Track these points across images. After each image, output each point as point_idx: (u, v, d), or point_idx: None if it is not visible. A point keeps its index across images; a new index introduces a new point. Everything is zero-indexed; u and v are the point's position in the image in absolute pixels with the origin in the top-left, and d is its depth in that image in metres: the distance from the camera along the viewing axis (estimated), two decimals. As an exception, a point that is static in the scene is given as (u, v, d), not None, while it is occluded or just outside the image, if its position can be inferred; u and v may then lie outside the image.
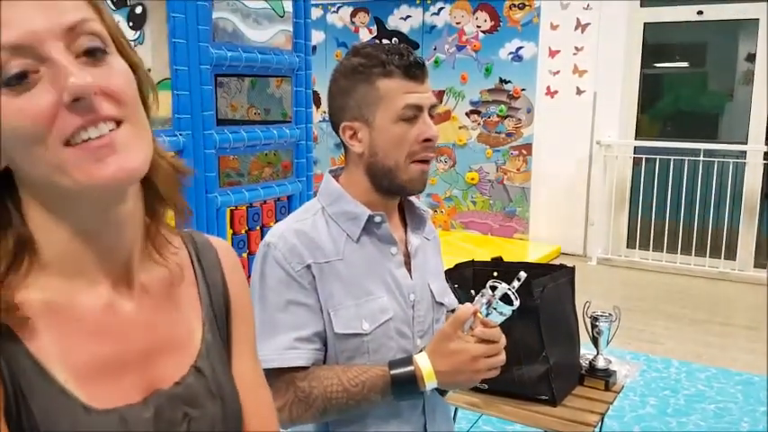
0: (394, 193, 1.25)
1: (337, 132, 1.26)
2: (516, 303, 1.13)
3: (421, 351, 1.18)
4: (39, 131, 0.55)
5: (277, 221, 2.87)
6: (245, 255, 3.38)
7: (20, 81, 0.54)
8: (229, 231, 2.69)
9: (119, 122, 0.58)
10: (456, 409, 2.02)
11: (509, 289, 1.13)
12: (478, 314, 1.14)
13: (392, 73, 1.18)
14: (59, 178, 0.57)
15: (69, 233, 0.61)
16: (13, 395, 0.56)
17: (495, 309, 1.13)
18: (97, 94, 0.56)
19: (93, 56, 0.57)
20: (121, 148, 0.58)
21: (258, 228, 2.75)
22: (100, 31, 0.58)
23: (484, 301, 1.14)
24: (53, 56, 0.55)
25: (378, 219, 1.24)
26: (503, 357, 1.17)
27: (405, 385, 1.15)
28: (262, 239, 1.25)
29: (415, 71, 1.19)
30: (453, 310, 1.47)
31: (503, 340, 1.17)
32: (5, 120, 0.55)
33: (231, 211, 2.67)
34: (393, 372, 1.15)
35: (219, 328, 0.75)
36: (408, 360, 1.17)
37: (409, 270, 1.28)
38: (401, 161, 1.20)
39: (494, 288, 1.13)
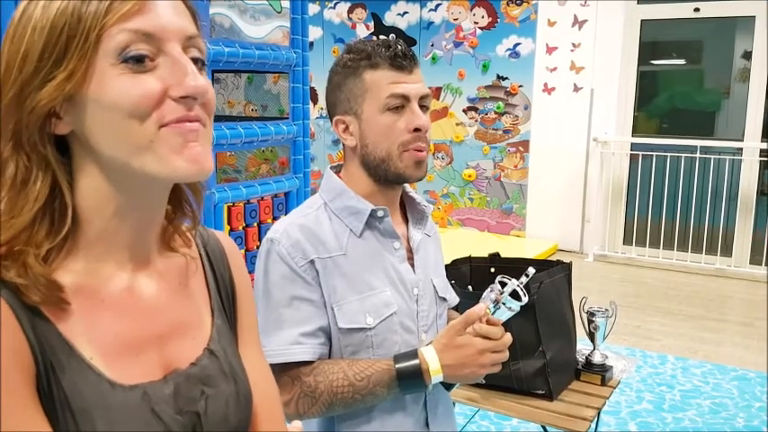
0: (391, 182, 1.25)
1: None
2: (525, 299, 1.14)
3: (427, 345, 1.19)
4: (142, 109, 0.61)
5: (274, 218, 2.88)
6: (242, 251, 3.37)
7: (139, 63, 0.61)
8: (227, 228, 2.69)
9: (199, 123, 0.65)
10: (453, 404, 2.02)
11: (518, 285, 1.13)
12: (486, 311, 1.15)
13: (378, 64, 1.19)
14: (141, 156, 0.62)
15: (113, 211, 0.66)
16: (44, 371, 0.60)
17: (503, 304, 1.13)
18: (201, 98, 0.64)
19: (195, 64, 0.65)
20: (203, 141, 0.65)
21: (256, 224, 2.75)
22: (203, 48, 0.68)
23: (492, 296, 1.14)
24: (175, 53, 0.63)
25: (380, 213, 1.24)
26: (506, 354, 1.18)
27: (410, 379, 1.16)
28: (259, 236, 1.25)
29: (401, 62, 1.19)
30: (457, 308, 1.47)
31: (507, 338, 1.17)
32: (114, 92, 0.60)
33: (228, 207, 2.67)
34: (398, 365, 1.16)
35: (227, 315, 0.80)
36: (414, 353, 1.17)
37: (412, 265, 1.29)
38: (393, 151, 1.21)
39: (503, 284, 1.14)
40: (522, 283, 1.14)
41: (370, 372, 1.16)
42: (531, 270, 1.15)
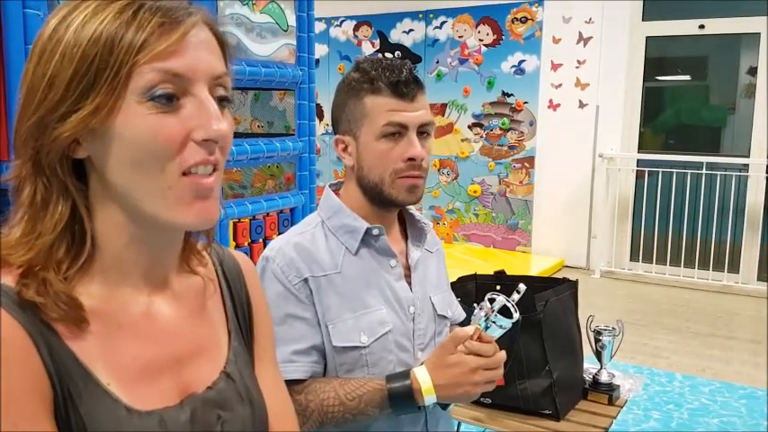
0: (385, 205, 1.25)
1: None
2: (516, 316, 1.12)
3: (421, 365, 1.18)
4: (167, 154, 0.61)
5: (280, 234, 2.88)
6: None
7: (165, 103, 0.61)
8: (232, 244, 2.69)
9: (214, 168, 0.65)
10: (459, 424, 2.01)
11: (507, 301, 1.11)
12: (478, 327, 1.13)
13: (379, 90, 1.19)
14: (154, 202, 0.62)
15: (128, 239, 0.66)
16: (62, 398, 0.59)
17: (493, 322, 1.11)
18: (221, 142, 0.64)
19: (219, 104, 0.65)
20: (214, 195, 0.65)
21: (261, 240, 2.75)
22: (230, 86, 0.67)
23: (482, 314, 1.12)
24: (201, 96, 0.62)
25: (375, 231, 1.24)
26: (501, 371, 1.16)
27: (402, 399, 1.14)
28: (264, 252, 1.25)
29: (403, 89, 1.18)
30: (461, 323, 1.46)
31: (501, 355, 1.16)
32: (137, 132, 0.60)
33: (234, 223, 2.67)
34: (390, 385, 1.14)
35: (244, 336, 0.80)
36: (406, 374, 1.16)
37: (409, 283, 1.28)
38: (386, 177, 1.21)
39: (492, 301, 1.12)
40: (513, 300, 1.12)
41: (361, 391, 1.15)
42: (522, 287, 1.13)
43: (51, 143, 0.60)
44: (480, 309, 1.13)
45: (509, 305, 1.11)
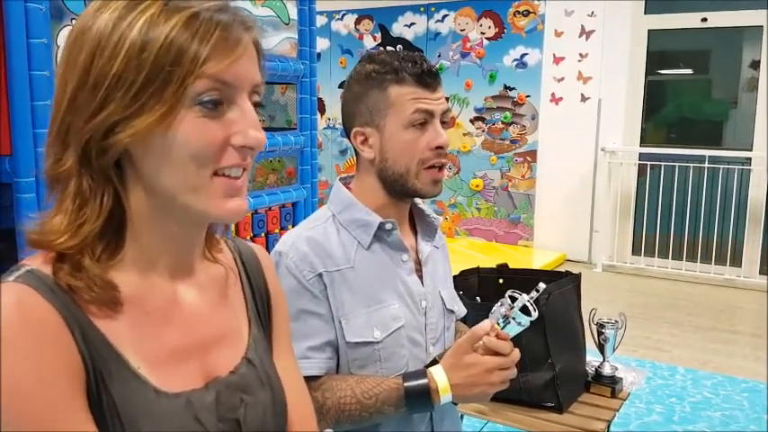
0: (406, 197, 1.25)
1: (349, 138, 1.27)
2: (535, 314, 1.12)
3: (434, 362, 1.18)
4: (206, 155, 0.64)
5: (282, 228, 2.88)
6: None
7: (213, 107, 0.63)
8: (234, 238, 2.69)
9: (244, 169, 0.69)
10: (462, 416, 2.01)
11: (528, 300, 1.11)
12: (495, 326, 1.13)
13: (404, 80, 1.19)
14: (189, 197, 0.65)
15: (158, 230, 0.68)
16: (94, 379, 0.62)
17: (513, 319, 1.12)
18: (256, 149, 0.67)
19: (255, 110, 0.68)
20: (243, 193, 0.69)
21: (263, 234, 2.75)
22: (262, 92, 0.70)
23: (502, 311, 1.12)
24: (244, 106, 0.66)
25: (388, 226, 1.23)
26: (515, 371, 1.16)
27: (418, 398, 1.14)
28: (267, 246, 1.25)
29: (427, 79, 1.19)
30: (464, 320, 1.46)
31: (515, 353, 1.15)
32: (182, 134, 0.62)
33: (236, 217, 2.67)
34: (407, 384, 1.14)
35: (263, 324, 0.82)
36: (422, 373, 1.16)
37: (420, 277, 1.28)
38: (412, 167, 1.20)
39: (513, 299, 1.12)
40: (532, 299, 1.12)
41: (378, 390, 1.14)
42: (542, 285, 1.13)
43: (110, 146, 0.62)
44: (500, 305, 1.13)
45: (528, 305, 1.11)
